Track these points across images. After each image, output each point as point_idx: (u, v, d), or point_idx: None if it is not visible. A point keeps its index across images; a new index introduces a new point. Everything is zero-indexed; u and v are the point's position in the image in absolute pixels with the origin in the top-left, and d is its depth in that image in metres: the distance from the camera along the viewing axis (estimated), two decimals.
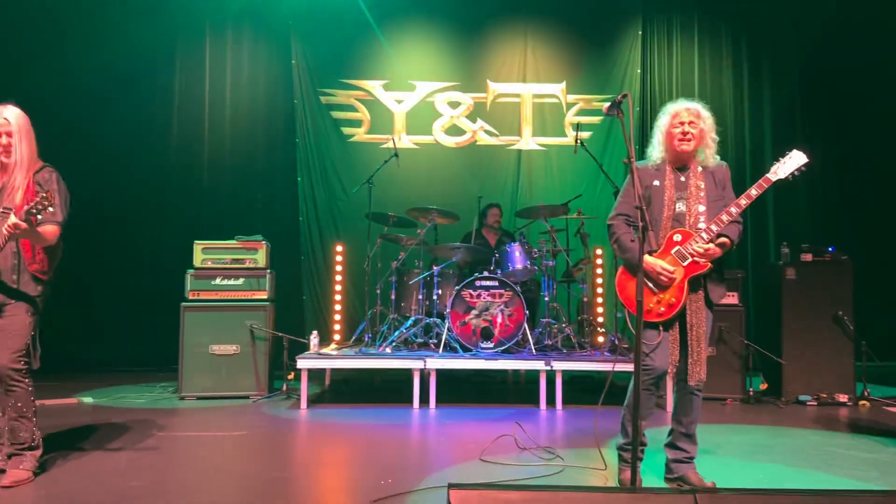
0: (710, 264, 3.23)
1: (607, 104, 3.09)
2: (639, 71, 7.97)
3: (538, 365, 5.42)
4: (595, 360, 5.58)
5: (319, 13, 7.83)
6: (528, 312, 5.77)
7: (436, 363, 5.47)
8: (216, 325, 5.79)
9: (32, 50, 7.46)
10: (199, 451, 4.14)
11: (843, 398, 5.72)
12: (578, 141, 6.04)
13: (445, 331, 5.78)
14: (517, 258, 6.02)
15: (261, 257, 6.03)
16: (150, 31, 7.62)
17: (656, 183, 3.36)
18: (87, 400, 5.69)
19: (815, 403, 5.73)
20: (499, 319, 5.74)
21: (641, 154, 3.53)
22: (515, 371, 6.76)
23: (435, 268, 6.19)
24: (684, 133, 3.31)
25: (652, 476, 3.55)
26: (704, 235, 3.20)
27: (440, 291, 6.19)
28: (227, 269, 5.95)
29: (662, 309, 3.27)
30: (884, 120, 7.83)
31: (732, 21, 8.08)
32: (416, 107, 7.95)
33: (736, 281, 5.97)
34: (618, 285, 3.44)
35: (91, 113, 7.64)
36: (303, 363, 5.53)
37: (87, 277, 7.54)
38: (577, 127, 6.44)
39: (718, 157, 3.41)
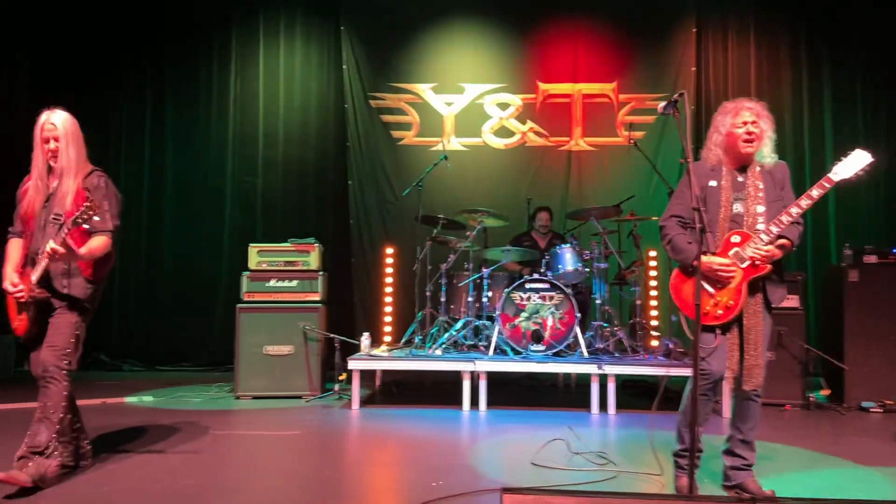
0: (769, 266, 3.14)
1: (663, 103, 3.04)
2: (693, 69, 7.80)
3: (590, 368, 5.36)
4: (649, 364, 5.48)
5: (370, 18, 7.92)
6: (579, 315, 5.71)
7: (486, 365, 5.46)
8: (270, 326, 5.91)
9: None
10: (253, 450, 4.23)
11: None
12: (631, 141, 5.94)
13: (495, 333, 5.77)
14: (568, 260, 5.96)
15: (313, 260, 6.13)
16: (207, 38, 7.84)
17: (712, 183, 3.29)
18: (146, 399, 5.87)
19: (880, 410, 5.51)
20: (549, 322, 5.69)
21: (697, 154, 3.45)
22: (566, 374, 6.69)
23: (484, 270, 6.18)
24: (749, 133, 3.23)
25: (709, 483, 3.47)
26: (764, 237, 3.12)
27: (490, 294, 6.17)
28: (280, 271, 6.07)
29: (720, 311, 3.19)
30: None
31: (790, 15, 7.83)
32: (465, 109, 7.96)
33: (796, 283, 5.80)
34: (672, 288, 3.37)
35: (152, 120, 7.91)
36: (354, 364, 5.59)
37: (147, 280, 7.80)
38: (630, 127, 6.34)
39: (776, 156, 3.31)
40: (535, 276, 5.86)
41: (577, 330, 5.68)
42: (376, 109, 7.95)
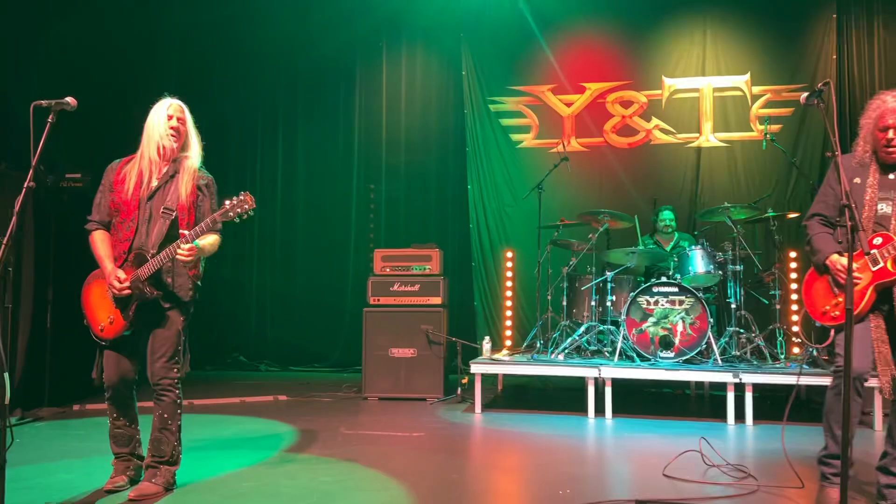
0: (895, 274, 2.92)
1: (805, 94, 2.83)
2: (834, 57, 7.22)
3: (725, 377, 5.07)
4: (791, 373, 5.12)
5: (487, 24, 7.94)
6: (712, 321, 5.43)
7: (611, 372, 5.30)
8: (395, 329, 6.04)
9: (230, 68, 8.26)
10: (381, 450, 4.32)
11: None
12: (767, 135, 5.59)
13: (620, 338, 5.59)
14: (698, 262, 5.69)
15: (435, 264, 6.21)
16: (332, 50, 8.16)
17: (857, 180, 3.10)
18: (282, 398, 6.16)
19: None
20: (679, 328, 5.45)
21: (843, 149, 3.18)
22: (698, 383, 6.38)
23: (608, 273, 6.01)
24: (888, 141, 3.01)
25: (859, 498, 3.18)
26: None
27: (613, 298, 6.00)
28: (403, 275, 6.19)
29: (836, 312, 3.05)
30: None
31: None
32: (586, 108, 7.79)
33: None
34: (804, 284, 3.28)
35: (283, 129, 8.34)
36: (476, 368, 5.60)
37: (282, 286, 8.21)
38: (766, 120, 5.97)
39: None
40: (664, 279, 5.63)
41: (711, 336, 5.40)
42: (495, 113, 7.95)
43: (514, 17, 7.84)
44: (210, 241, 3.31)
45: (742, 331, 5.67)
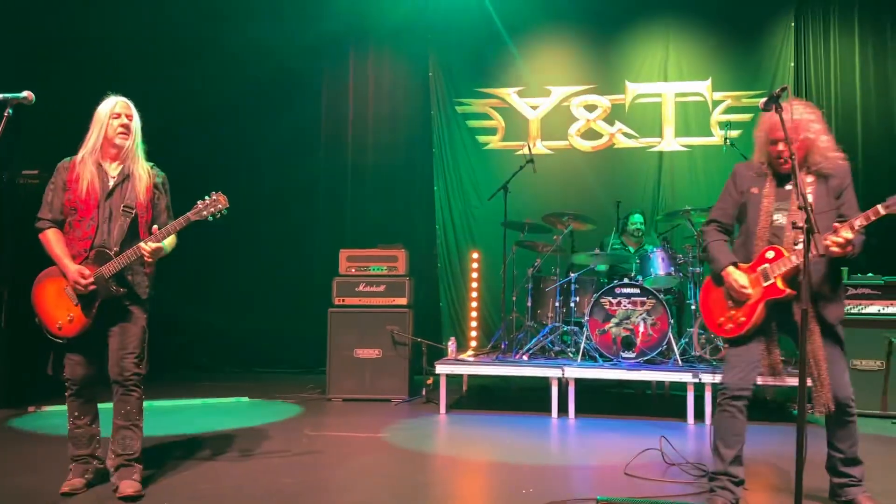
0: (788, 291, 2.94)
1: (763, 99, 2.84)
2: (792, 64, 7.43)
3: (685, 377, 5.18)
4: None
5: (454, 26, 7.96)
6: (672, 321, 5.53)
7: (575, 372, 5.37)
8: (360, 329, 6.02)
9: (187, 69, 8.12)
10: (345, 450, 4.31)
11: None
12: (727, 140, 5.72)
13: (584, 339, 5.67)
14: (660, 264, 5.79)
15: (401, 264, 6.21)
16: (299, 50, 8.06)
17: (754, 190, 3.10)
18: (244, 399, 6.09)
19: None
20: (641, 328, 5.54)
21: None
22: (659, 383, 6.49)
23: (572, 274, 6.08)
24: (779, 153, 2.98)
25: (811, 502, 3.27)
26: (794, 258, 2.92)
27: (577, 299, 6.07)
28: (369, 276, 6.17)
29: (730, 326, 3.08)
30: None
31: None
32: (551, 112, 7.87)
33: None
34: (701, 294, 3.30)
35: (247, 129, 8.22)
36: (441, 368, 5.61)
37: (244, 286, 8.10)
38: (726, 125, 6.12)
39: (833, 157, 3.02)
40: (626, 280, 5.72)
41: (671, 337, 5.51)
42: (461, 115, 7.99)
43: (481, 20, 7.88)
44: (170, 240, 3.32)
45: (702, 332, 5.78)
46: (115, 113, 3.29)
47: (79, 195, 3.22)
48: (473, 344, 7.03)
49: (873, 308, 5.51)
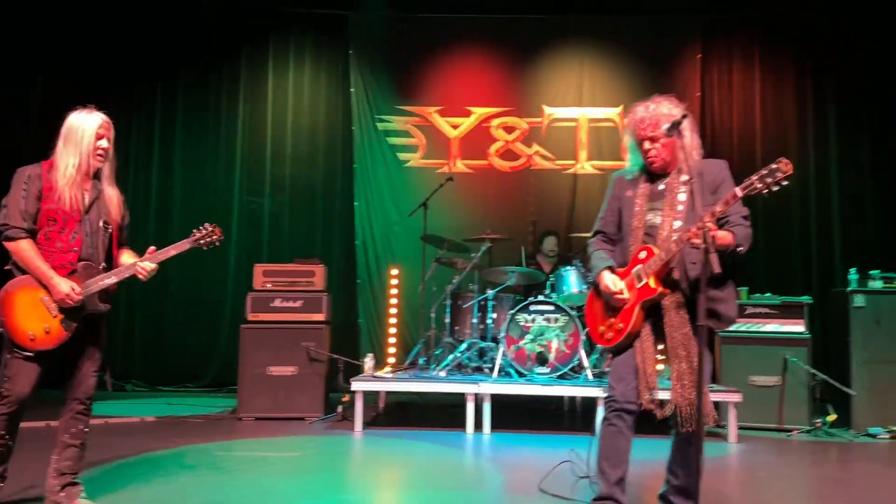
0: (661, 289, 2.83)
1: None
2: (698, 94, 7.85)
3: (596, 392, 5.32)
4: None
5: (377, 43, 8.00)
6: (584, 338, 5.68)
7: (490, 388, 5.43)
8: (275, 346, 5.88)
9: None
10: (255, 471, 4.19)
11: None
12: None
13: (499, 355, 5.75)
14: (572, 282, 5.96)
15: (318, 280, 6.13)
16: (217, 59, 7.92)
17: (629, 193, 3.05)
18: (149, 419, 5.84)
19: (887, 437, 5.44)
20: (554, 345, 5.67)
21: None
22: (572, 398, 6.64)
23: (489, 291, 6.17)
24: (646, 152, 2.99)
25: None
26: (664, 254, 2.81)
27: (494, 315, 6.16)
28: (285, 291, 6.06)
29: (610, 334, 2.97)
30: None
31: (795, 44, 7.88)
32: (472, 132, 8.01)
33: (801, 308, 5.79)
34: (585, 307, 3.21)
35: (159, 137, 7.96)
36: (357, 385, 5.56)
37: (155, 301, 7.79)
38: None
39: (699, 155, 2.98)
40: (540, 297, 5.85)
41: (583, 353, 5.66)
42: (383, 132, 8.01)
43: (403, 38, 7.96)
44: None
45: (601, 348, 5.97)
46: (98, 133, 3.22)
47: (61, 206, 3.12)
48: (392, 361, 7.00)
49: (770, 327, 5.83)
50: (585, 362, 5.66)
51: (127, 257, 3.35)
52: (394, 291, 7.29)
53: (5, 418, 3.08)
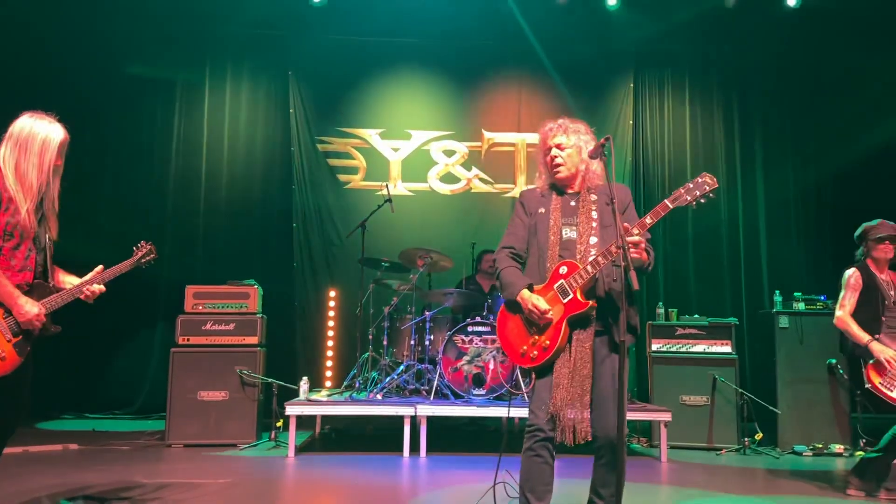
0: (590, 303, 2.82)
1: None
2: (631, 122, 8.09)
3: None
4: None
5: (317, 64, 7.99)
6: None
7: (426, 410, 5.39)
8: (205, 370, 5.72)
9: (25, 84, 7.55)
10: (182, 497, 4.04)
11: (839, 449, 5.64)
12: None
13: (437, 377, 5.73)
14: None
15: (252, 302, 6.00)
16: (151, 71, 7.74)
17: (542, 210, 3.04)
18: (73, 446, 5.58)
19: (811, 454, 5.64)
20: (491, 366, 5.69)
21: (634, 201, 3.33)
22: (510, 419, 6.64)
23: (427, 313, 6.16)
24: (552, 160, 3.04)
25: None
26: (590, 268, 2.81)
27: (432, 337, 6.14)
28: (217, 313, 5.91)
29: (535, 353, 2.87)
30: (881, 169, 7.80)
31: (722, 74, 8.23)
32: (412, 155, 8.04)
33: (729, 329, 5.97)
34: (497, 327, 3.11)
35: (87, 154, 7.68)
36: (291, 409, 5.44)
37: (78, 322, 7.46)
38: None
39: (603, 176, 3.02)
40: (478, 319, 5.86)
41: (519, 374, 5.68)
42: (323, 153, 7.97)
43: (343, 60, 7.97)
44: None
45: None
46: (60, 150, 3.05)
47: (18, 219, 2.89)
48: (328, 384, 6.90)
49: (699, 347, 5.99)
50: (522, 383, 5.69)
51: (64, 276, 3.19)
52: (331, 314, 7.21)
53: None
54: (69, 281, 3.16)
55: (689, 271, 7.87)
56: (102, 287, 3.11)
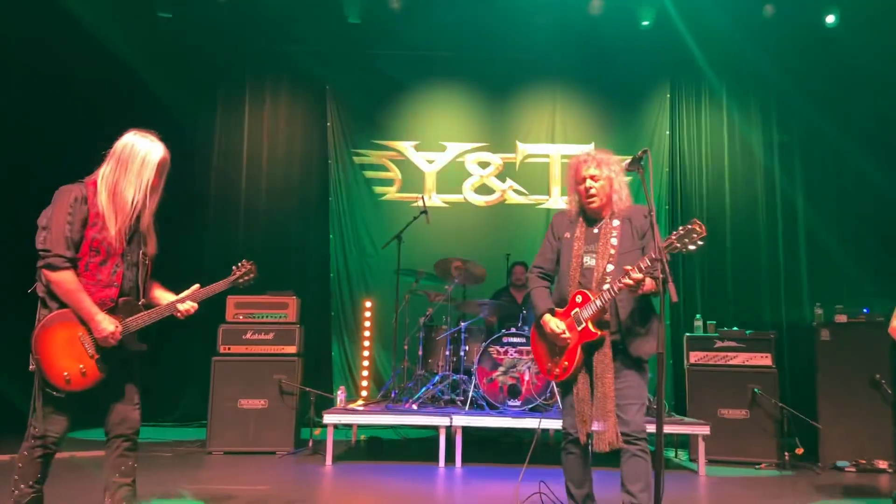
0: (600, 333, 3.07)
1: (627, 160, 3.11)
2: (668, 132, 8.05)
3: None
4: None
5: (354, 77, 8.14)
6: None
7: (462, 420, 5.42)
8: (246, 379, 5.84)
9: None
10: None
11: (882, 465, 5.50)
12: None
13: (472, 388, 5.75)
14: None
15: (291, 312, 6.10)
16: (192, 90, 7.96)
17: (567, 235, 3.27)
18: None
19: (854, 470, 5.52)
20: (526, 377, 5.70)
21: (671, 213, 3.49)
22: (545, 431, 6.62)
23: (462, 324, 6.20)
24: (588, 190, 3.19)
25: None
26: (598, 301, 3.03)
27: (467, 348, 6.18)
28: (257, 323, 6.03)
29: (557, 371, 3.22)
30: None
31: (761, 84, 8.14)
32: (447, 166, 8.12)
33: (769, 342, 5.88)
34: (531, 341, 3.43)
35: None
36: (329, 418, 5.52)
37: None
38: None
39: (629, 201, 3.23)
40: (513, 330, 5.88)
41: (554, 384, 5.68)
42: (359, 165, 8.09)
43: (379, 73, 8.10)
44: None
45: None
46: (158, 171, 3.09)
47: (105, 235, 2.91)
48: (364, 394, 6.97)
49: (738, 360, 5.91)
50: (558, 394, 5.68)
51: (160, 293, 3.18)
52: (367, 324, 7.29)
53: (38, 462, 2.89)
54: (165, 298, 3.14)
55: (727, 283, 7.77)
56: (195, 305, 3.06)
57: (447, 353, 6.16)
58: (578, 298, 3.12)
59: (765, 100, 8.13)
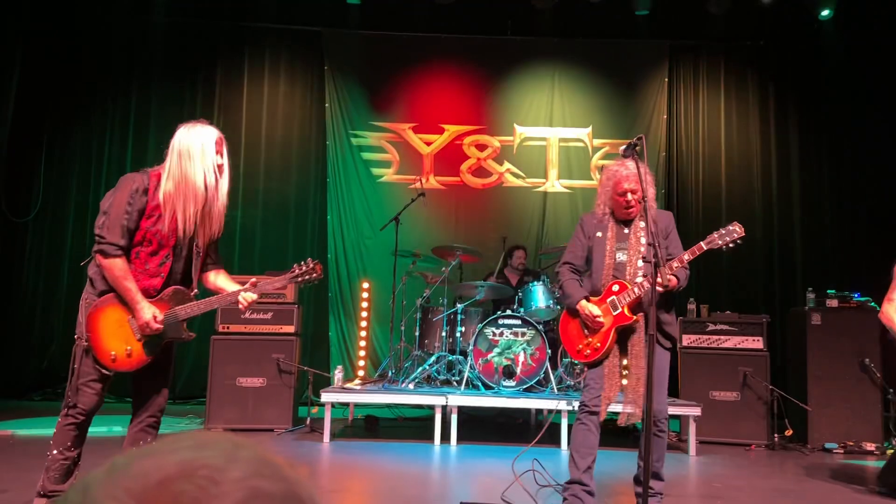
0: (635, 318, 3.37)
1: (623, 146, 3.17)
2: (665, 117, 8.09)
3: (561, 405, 5.43)
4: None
5: (353, 59, 8.13)
6: (550, 352, 5.80)
7: (457, 400, 5.51)
8: (244, 357, 5.91)
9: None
10: None
11: (870, 447, 5.62)
12: None
13: (468, 368, 5.84)
14: (539, 297, 6.08)
15: (289, 292, 6.16)
16: (191, 72, 7.96)
17: (599, 234, 3.56)
18: (115, 429, 5.82)
19: (842, 452, 5.63)
20: (521, 358, 5.78)
21: (667, 196, 3.65)
22: (539, 411, 6.74)
23: (458, 305, 6.27)
24: (627, 203, 3.45)
25: None
26: (636, 290, 3.35)
27: (463, 329, 6.25)
28: (256, 302, 6.06)
29: (588, 352, 3.49)
30: None
31: (758, 69, 8.17)
32: (444, 149, 8.15)
33: (761, 325, 5.96)
34: (560, 327, 3.68)
35: (132, 150, 7.95)
36: (326, 397, 5.61)
37: None
38: (603, 170, 6.53)
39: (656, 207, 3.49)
40: (508, 312, 5.96)
41: (549, 366, 5.77)
42: (357, 147, 8.11)
43: (378, 55, 8.10)
44: None
45: (577, 362, 6.09)
46: (216, 149, 3.04)
47: (159, 226, 2.92)
48: (361, 373, 7.05)
49: (730, 343, 5.99)
50: (551, 376, 5.77)
51: (224, 280, 3.17)
52: (364, 305, 7.36)
53: (73, 429, 2.98)
54: (227, 287, 3.14)
55: (721, 267, 7.85)
56: (255, 295, 3.04)
57: (444, 333, 6.24)
58: (615, 287, 3.44)
59: (763, 86, 8.16)
